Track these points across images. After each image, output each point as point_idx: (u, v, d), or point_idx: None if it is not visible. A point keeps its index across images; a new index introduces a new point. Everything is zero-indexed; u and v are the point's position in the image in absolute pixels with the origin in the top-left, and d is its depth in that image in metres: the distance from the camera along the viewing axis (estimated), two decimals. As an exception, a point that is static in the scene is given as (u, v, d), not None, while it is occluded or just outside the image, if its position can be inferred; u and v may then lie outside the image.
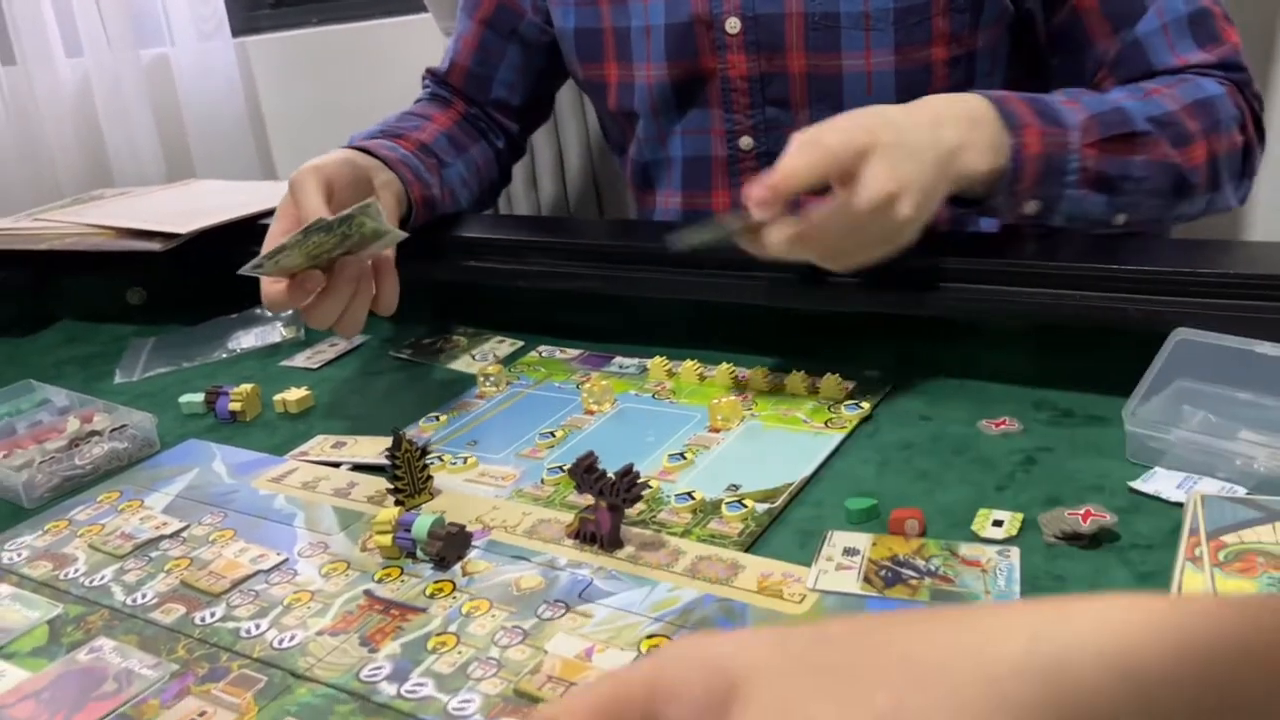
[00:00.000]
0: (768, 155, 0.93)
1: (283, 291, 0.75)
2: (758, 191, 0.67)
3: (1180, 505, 0.57)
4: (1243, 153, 0.83)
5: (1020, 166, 0.73)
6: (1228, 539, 0.52)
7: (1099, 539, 0.55)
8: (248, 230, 1.07)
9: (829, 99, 0.90)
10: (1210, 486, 0.58)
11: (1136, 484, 0.59)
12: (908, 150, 0.68)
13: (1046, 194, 0.75)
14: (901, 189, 0.66)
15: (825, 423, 0.72)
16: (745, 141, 0.94)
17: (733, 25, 0.89)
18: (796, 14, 0.88)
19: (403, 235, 0.78)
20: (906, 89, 0.88)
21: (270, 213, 1.09)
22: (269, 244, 0.76)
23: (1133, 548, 0.54)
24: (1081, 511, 0.56)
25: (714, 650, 0.30)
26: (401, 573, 0.60)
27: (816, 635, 0.30)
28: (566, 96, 1.47)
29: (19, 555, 0.66)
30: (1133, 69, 0.85)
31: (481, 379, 0.84)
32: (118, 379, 0.96)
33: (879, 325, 0.78)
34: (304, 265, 0.74)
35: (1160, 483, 0.59)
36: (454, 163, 1.01)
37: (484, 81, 1.07)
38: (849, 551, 0.57)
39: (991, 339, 0.76)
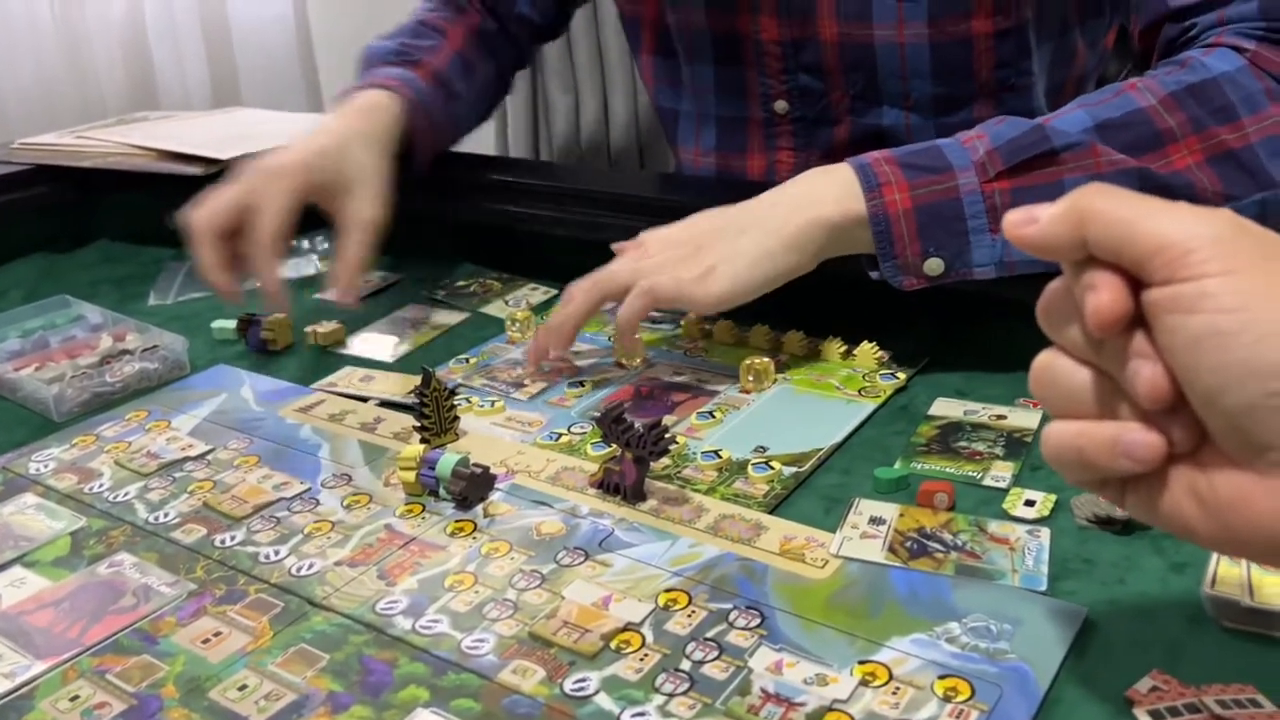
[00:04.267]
0: (803, 121, 0.91)
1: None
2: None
3: (1219, 498, 0.55)
4: None
5: (886, 225, 0.67)
6: (1267, 535, 0.50)
7: (1131, 525, 0.54)
8: (288, 160, 1.06)
9: (863, 69, 0.87)
10: (1251, 481, 0.56)
11: (1175, 473, 0.58)
12: (660, 237, 0.73)
13: (945, 247, 0.67)
14: (642, 238, 0.73)
15: (859, 391, 0.70)
16: (780, 105, 0.92)
17: None
18: None
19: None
20: (944, 63, 0.85)
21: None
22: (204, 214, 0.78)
23: (1167, 536, 0.53)
24: (1117, 497, 0.55)
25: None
26: (423, 510, 0.59)
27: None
28: (617, 44, 1.45)
29: (45, 466, 0.67)
30: (1151, 11, 0.76)
31: (509, 323, 0.83)
32: (151, 301, 0.96)
33: (919, 298, 0.76)
34: None
35: (1200, 473, 0.58)
36: (464, 94, 0.99)
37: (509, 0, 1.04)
38: (875, 520, 0.56)
39: (1034, 319, 0.74)
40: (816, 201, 0.69)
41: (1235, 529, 0.34)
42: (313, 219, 1.07)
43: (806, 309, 0.81)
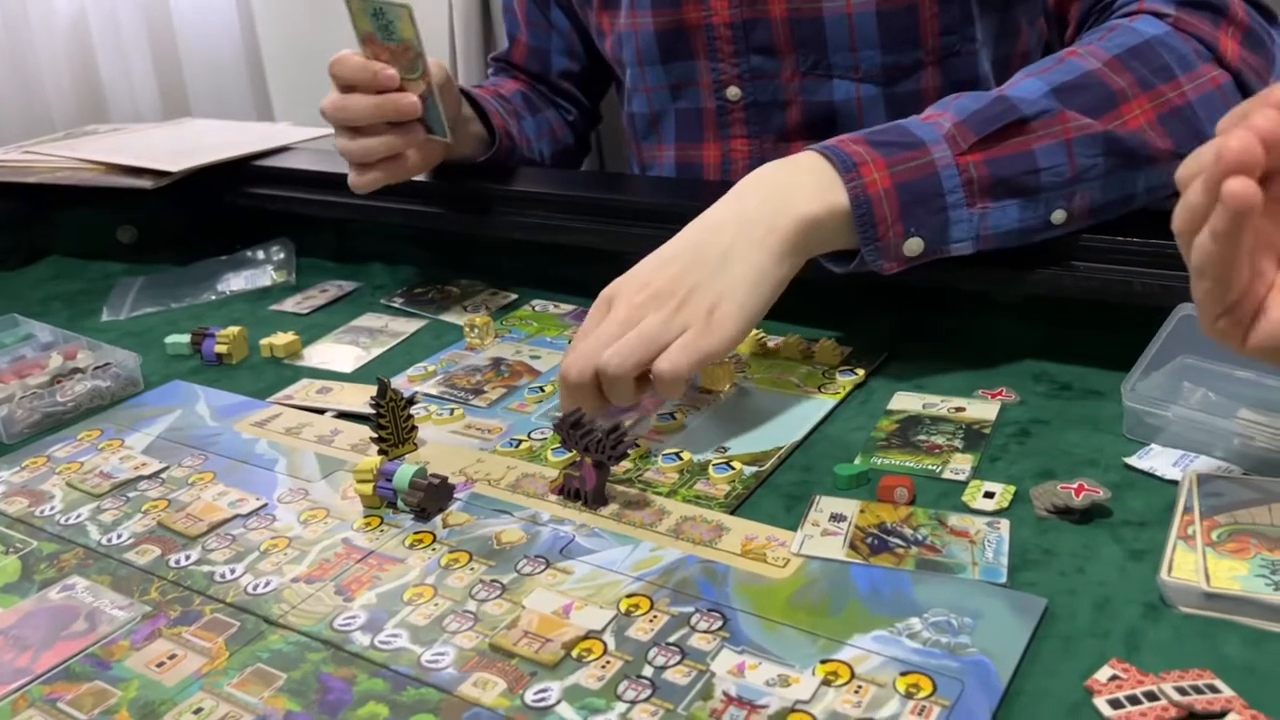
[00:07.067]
0: (755, 106, 0.92)
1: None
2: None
3: (1175, 483, 0.56)
4: (1227, 89, 0.70)
5: (868, 208, 0.64)
6: (1221, 519, 0.51)
7: (1090, 514, 0.54)
8: (240, 170, 1.05)
9: (812, 44, 0.88)
10: (1207, 465, 0.57)
11: (1132, 460, 0.58)
12: (637, 288, 0.65)
13: (925, 226, 0.65)
14: (614, 291, 0.66)
15: (819, 388, 0.70)
16: (732, 92, 0.93)
17: None
18: None
19: (447, 140, 0.86)
20: (891, 31, 0.86)
21: (264, 154, 1.08)
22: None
23: (1125, 524, 0.53)
24: (1074, 486, 0.55)
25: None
26: (381, 522, 0.59)
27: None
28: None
29: (-5, 490, 0.65)
30: None
31: (468, 329, 0.82)
32: (105, 317, 0.95)
33: (877, 292, 0.77)
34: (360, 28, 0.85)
35: (1156, 460, 0.58)
36: (528, 117, 1.04)
37: (543, 55, 1.07)
38: (836, 517, 0.56)
39: (991, 310, 0.75)
40: (792, 199, 0.65)
41: None
42: (267, 228, 1.06)
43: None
